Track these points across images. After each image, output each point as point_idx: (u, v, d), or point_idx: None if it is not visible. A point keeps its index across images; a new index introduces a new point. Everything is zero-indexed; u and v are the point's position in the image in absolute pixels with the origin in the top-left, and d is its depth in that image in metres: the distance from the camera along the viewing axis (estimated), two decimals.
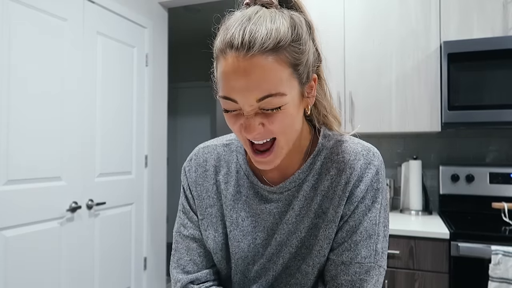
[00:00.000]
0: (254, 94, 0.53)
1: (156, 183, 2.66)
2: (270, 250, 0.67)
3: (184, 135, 4.82)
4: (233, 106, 0.56)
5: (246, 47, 0.52)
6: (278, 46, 0.53)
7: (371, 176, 0.63)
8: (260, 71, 0.52)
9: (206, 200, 0.72)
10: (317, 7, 2.08)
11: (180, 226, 0.74)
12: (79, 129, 2.01)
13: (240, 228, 0.69)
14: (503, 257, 1.43)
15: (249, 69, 0.52)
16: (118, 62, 2.30)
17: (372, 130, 1.98)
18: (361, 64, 2.01)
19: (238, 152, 0.72)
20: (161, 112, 2.74)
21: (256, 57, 0.52)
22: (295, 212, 0.66)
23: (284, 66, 0.54)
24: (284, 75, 0.54)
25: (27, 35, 1.74)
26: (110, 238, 2.23)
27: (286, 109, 0.56)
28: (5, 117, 1.65)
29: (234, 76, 0.53)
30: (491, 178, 1.95)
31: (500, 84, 1.70)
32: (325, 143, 0.68)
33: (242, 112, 0.56)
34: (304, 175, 0.66)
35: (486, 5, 1.81)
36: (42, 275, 1.80)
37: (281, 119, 0.56)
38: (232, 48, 0.53)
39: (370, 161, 0.65)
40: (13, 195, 1.67)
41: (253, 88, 0.53)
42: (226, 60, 0.54)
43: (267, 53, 0.52)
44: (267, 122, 0.56)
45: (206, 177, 0.73)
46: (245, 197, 0.69)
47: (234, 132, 0.60)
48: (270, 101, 0.54)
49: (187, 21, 3.84)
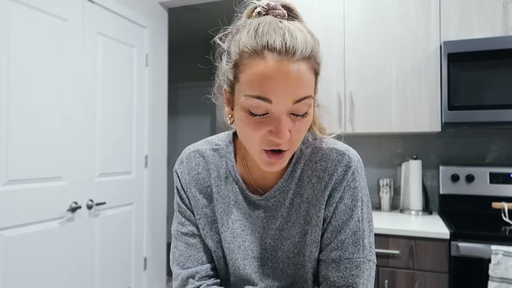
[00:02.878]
0: (292, 95, 0.55)
1: (156, 183, 2.66)
2: (265, 254, 0.69)
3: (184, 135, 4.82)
4: (263, 109, 0.56)
5: (290, 52, 0.54)
6: (311, 54, 0.57)
7: (347, 177, 0.66)
8: (299, 75, 0.55)
9: (201, 201, 0.73)
10: (317, 7, 2.08)
11: (178, 224, 0.75)
12: (79, 129, 2.01)
13: (231, 230, 0.70)
14: (503, 257, 1.43)
15: (291, 72, 0.54)
16: (118, 62, 2.30)
17: (372, 130, 1.98)
18: (361, 64, 2.01)
19: (227, 158, 0.73)
20: (161, 112, 2.74)
21: (297, 62, 0.55)
22: (285, 219, 0.69)
23: (312, 73, 0.58)
24: (313, 81, 0.59)
25: (27, 35, 1.74)
26: (110, 238, 2.23)
27: (309, 115, 0.59)
28: (5, 117, 1.65)
29: (276, 78, 0.54)
30: (491, 178, 1.95)
31: (500, 84, 1.70)
32: (304, 149, 0.70)
33: (270, 116, 0.57)
34: (287, 182, 0.69)
35: (486, 5, 1.81)
36: (42, 275, 1.80)
37: (304, 126, 0.59)
38: (274, 52, 0.54)
39: (345, 164, 0.67)
40: (13, 195, 1.67)
41: (293, 89, 0.55)
42: (266, 62, 0.55)
43: (305, 60, 0.56)
44: (294, 129, 0.58)
45: (198, 180, 0.74)
46: (234, 201, 0.71)
47: (248, 137, 0.60)
48: (304, 103, 0.57)
49: (187, 21, 3.84)
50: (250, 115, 0.57)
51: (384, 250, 1.67)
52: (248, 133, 0.59)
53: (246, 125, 0.59)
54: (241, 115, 0.59)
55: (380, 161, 2.27)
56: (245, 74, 0.57)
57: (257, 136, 0.58)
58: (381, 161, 2.26)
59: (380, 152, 2.27)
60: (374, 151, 2.28)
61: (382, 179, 2.11)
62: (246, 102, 0.56)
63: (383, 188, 2.10)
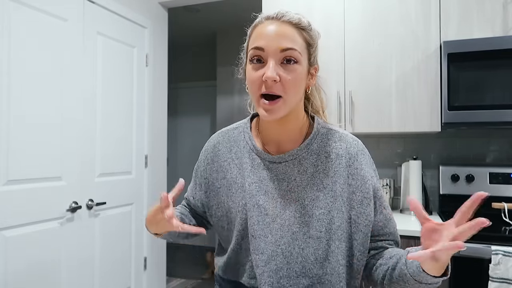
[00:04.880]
0: (280, 43, 0.71)
1: (156, 183, 2.66)
2: (275, 211, 0.78)
3: (184, 135, 4.82)
4: (258, 55, 0.73)
5: (279, 16, 0.74)
6: (300, 24, 0.75)
7: (366, 159, 0.82)
8: (286, 31, 0.73)
9: (220, 173, 0.86)
10: (318, 7, 2.08)
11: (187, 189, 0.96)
12: (79, 129, 2.01)
13: (247, 191, 0.81)
14: (503, 257, 1.43)
15: (278, 28, 0.73)
16: (118, 62, 2.30)
17: (372, 130, 1.98)
18: (361, 64, 2.01)
19: (245, 132, 0.87)
20: (161, 112, 2.75)
21: (285, 23, 0.74)
22: (297, 183, 0.79)
23: (302, 39, 0.75)
24: (301, 43, 0.75)
25: (27, 35, 1.74)
26: (110, 238, 2.23)
27: (299, 69, 0.74)
28: (5, 117, 1.65)
29: (266, 31, 0.73)
30: (491, 178, 1.95)
31: (500, 84, 1.70)
32: (320, 129, 0.83)
33: (265, 64, 0.72)
34: (301, 152, 0.80)
35: (486, 5, 1.81)
36: (42, 275, 1.80)
37: (294, 75, 0.73)
38: (267, 19, 0.75)
39: (361, 148, 0.83)
40: (13, 195, 1.67)
41: (280, 39, 0.72)
42: (261, 23, 0.75)
43: (293, 25, 0.74)
44: (284, 73, 0.72)
45: (219, 156, 0.88)
46: (251, 166, 0.82)
47: (251, 84, 0.74)
48: (291, 53, 0.72)
49: (187, 21, 3.84)
50: (250, 63, 0.75)
51: None
52: (250, 80, 0.75)
53: (249, 74, 0.75)
54: (247, 68, 0.76)
55: (380, 161, 2.27)
56: (251, 38, 0.77)
57: (256, 81, 0.73)
58: (381, 161, 2.26)
59: (380, 152, 2.27)
60: (374, 151, 2.28)
61: (382, 179, 2.11)
62: (249, 54, 0.75)
63: (383, 188, 2.10)
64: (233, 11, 3.50)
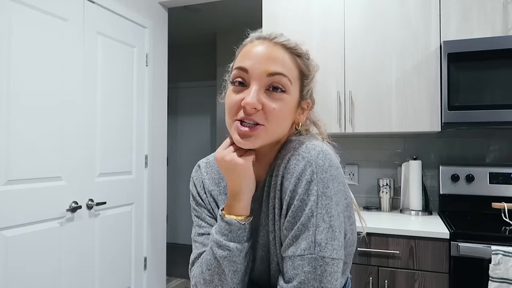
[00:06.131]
0: (267, 66, 0.63)
1: (156, 183, 2.66)
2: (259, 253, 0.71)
3: (184, 135, 4.82)
4: (241, 77, 0.65)
5: (271, 37, 0.66)
6: (295, 50, 0.67)
7: (300, 170, 0.63)
8: (276, 54, 0.65)
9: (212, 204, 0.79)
10: (317, 7, 2.08)
11: (196, 227, 0.79)
12: (79, 129, 2.01)
13: None
14: (503, 257, 1.43)
15: (268, 50, 0.65)
16: (118, 62, 2.30)
17: (372, 130, 1.98)
18: (361, 64, 2.01)
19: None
20: (161, 112, 2.74)
21: (277, 45, 0.66)
22: (265, 213, 0.70)
23: (295, 66, 0.67)
24: (294, 71, 0.66)
25: (27, 35, 1.74)
26: (110, 238, 2.23)
27: (287, 99, 0.65)
28: (5, 117, 1.65)
29: (254, 51, 0.65)
30: (491, 178, 1.95)
31: (500, 84, 1.70)
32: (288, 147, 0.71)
33: (247, 89, 0.64)
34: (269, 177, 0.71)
35: (486, 5, 1.81)
36: (42, 275, 1.80)
37: (280, 105, 0.64)
38: (258, 38, 0.67)
39: (302, 158, 0.64)
40: (13, 195, 1.67)
41: (268, 62, 0.64)
42: (250, 43, 0.68)
43: (287, 49, 0.66)
44: (268, 102, 0.63)
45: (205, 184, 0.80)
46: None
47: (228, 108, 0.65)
48: (279, 79, 0.64)
49: (187, 21, 3.84)
50: (232, 85, 0.66)
51: (384, 250, 1.67)
52: (227, 103, 0.66)
53: (228, 96, 0.67)
54: (228, 90, 0.68)
55: (380, 161, 2.27)
56: (237, 58, 0.69)
57: (233, 105, 0.64)
58: (381, 161, 2.26)
59: (380, 152, 2.27)
60: (374, 151, 2.28)
61: (382, 179, 2.11)
62: (232, 75, 0.67)
63: (383, 188, 2.10)
64: (233, 11, 3.50)
